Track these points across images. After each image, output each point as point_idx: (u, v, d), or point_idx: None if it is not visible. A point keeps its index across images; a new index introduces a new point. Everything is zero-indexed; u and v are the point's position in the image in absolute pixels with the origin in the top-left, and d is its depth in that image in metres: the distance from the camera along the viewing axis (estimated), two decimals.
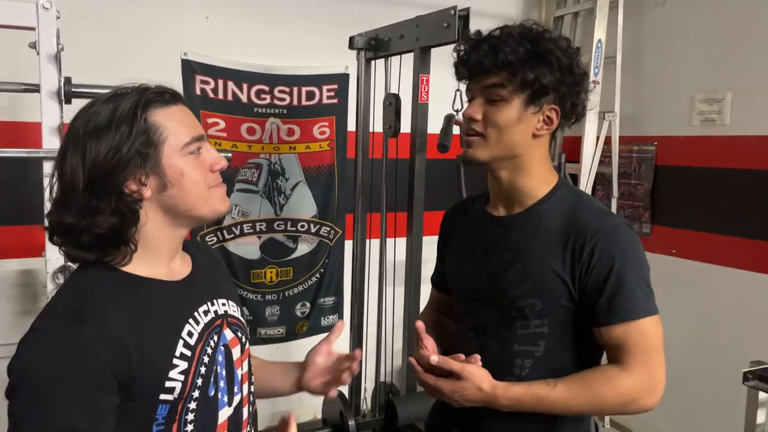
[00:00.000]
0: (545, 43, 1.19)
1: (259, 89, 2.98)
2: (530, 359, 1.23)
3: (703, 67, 2.96)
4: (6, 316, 2.63)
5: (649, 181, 3.20)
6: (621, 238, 1.18)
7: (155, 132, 0.96)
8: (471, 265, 1.32)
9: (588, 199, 1.29)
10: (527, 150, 1.23)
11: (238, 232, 3.07)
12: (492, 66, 1.18)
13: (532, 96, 1.18)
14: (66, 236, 0.97)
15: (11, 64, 2.34)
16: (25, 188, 2.37)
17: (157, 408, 0.96)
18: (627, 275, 1.16)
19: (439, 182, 2.81)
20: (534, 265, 1.21)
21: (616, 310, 1.15)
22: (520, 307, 1.22)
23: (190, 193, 1.00)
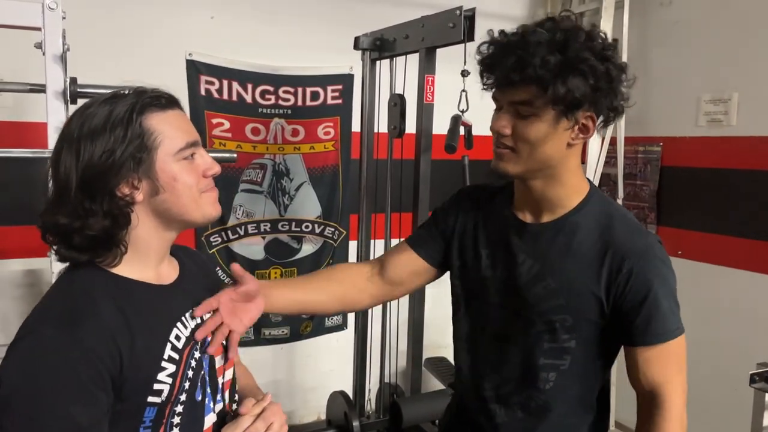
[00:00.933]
0: (578, 49, 1.08)
1: (264, 89, 2.99)
2: (555, 372, 1.21)
3: (709, 67, 2.94)
4: (11, 316, 2.63)
5: (655, 182, 3.19)
6: (657, 259, 1.17)
7: (149, 136, 0.97)
8: (496, 270, 1.27)
9: (622, 214, 1.24)
10: (561, 160, 1.17)
11: (243, 232, 3.07)
12: (520, 80, 1.09)
13: (564, 110, 1.10)
14: (58, 236, 0.97)
15: (15, 64, 2.35)
16: (29, 188, 2.35)
17: (144, 410, 0.97)
18: (662, 297, 1.15)
19: (444, 183, 2.79)
20: (567, 281, 1.18)
21: (653, 331, 1.15)
22: (549, 321, 1.19)
23: (182, 198, 1.01)
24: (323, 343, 3.36)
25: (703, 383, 2.96)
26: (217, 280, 1.28)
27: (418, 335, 2.42)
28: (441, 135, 2.22)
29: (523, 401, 1.25)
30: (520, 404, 1.25)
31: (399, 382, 2.82)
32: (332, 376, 3.15)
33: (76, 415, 0.88)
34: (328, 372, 3.29)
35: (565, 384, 1.22)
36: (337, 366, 3.22)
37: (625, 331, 1.17)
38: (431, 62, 2.21)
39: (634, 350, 1.17)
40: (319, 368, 3.36)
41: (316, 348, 3.35)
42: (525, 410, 1.25)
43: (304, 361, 3.36)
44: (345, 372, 2.83)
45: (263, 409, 1.10)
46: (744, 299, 2.84)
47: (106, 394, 0.91)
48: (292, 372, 3.34)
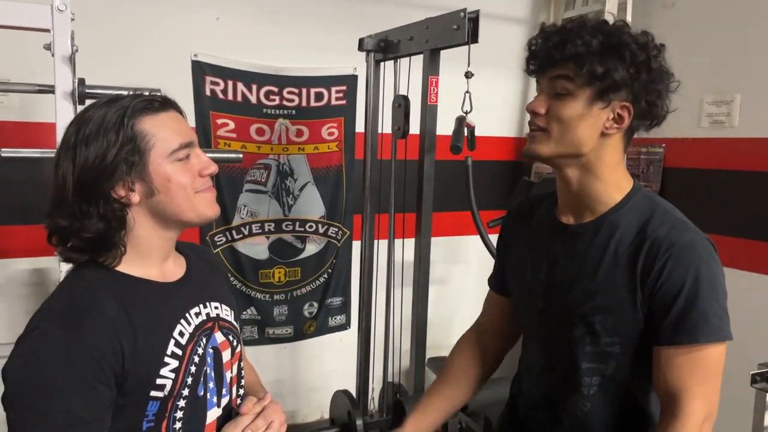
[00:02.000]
0: (621, 35, 1.10)
1: (269, 90, 3.01)
2: (599, 377, 1.17)
3: (711, 68, 2.95)
4: (18, 315, 2.65)
5: (657, 183, 3.20)
6: (697, 255, 1.09)
7: (142, 139, 0.99)
8: (539, 274, 1.25)
9: (666, 209, 1.18)
10: (594, 150, 1.13)
11: (247, 232, 3.09)
12: (560, 57, 1.10)
13: (600, 91, 1.09)
14: (60, 238, 1.01)
15: (21, 65, 2.37)
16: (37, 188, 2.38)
17: (147, 404, 0.99)
18: (700, 296, 1.07)
19: (448, 183, 2.82)
20: (604, 280, 1.13)
21: (683, 330, 1.07)
22: (590, 323, 1.15)
23: (177, 198, 1.02)
24: (327, 342, 3.38)
25: None
26: (224, 273, 1.30)
27: (421, 335, 2.43)
28: (444, 136, 2.24)
29: (569, 408, 1.21)
30: (567, 411, 1.22)
31: (402, 381, 2.83)
32: (335, 375, 3.17)
33: (78, 409, 0.90)
34: (331, 371, 3.31)
35: (610, 390, 1.18)
36: (340, 365, 3.24)
37: (655, 328, 1.10)
38: (435, 64, 2.22)
39: (660, 350, 1.10)
40: (322, 367, 3.37)
41: (320, 347, 3.37)
42: (571, 417, 1.21)
43: (307, 361, 3.37)
44: (348, 371, 2.85)
45: (263, 407, 1.13)
46: (745, 300, 2.84)
47: (109, 389, 0.94)
48: (295, 371, 3.36)
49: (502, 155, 3.62)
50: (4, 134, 2.53)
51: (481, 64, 2.05)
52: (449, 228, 3.35)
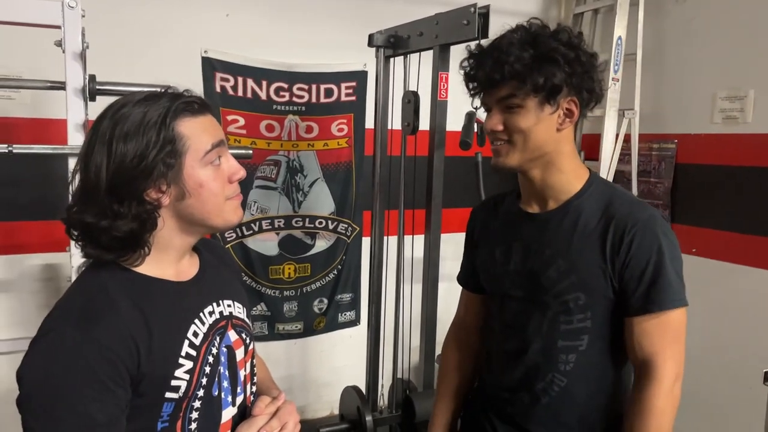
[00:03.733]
0: (547, 41, 1.20)
1: (278, 86, 3.01)
2: (574, 353, 1.25)
3: (724, 64, 2.92)
4: (30, 310, 2.68)
5: (669, 179, 3.17)
6: (659, 229, 1.20)
7: (180, 141, 0.97)
8: (510, 264, 1.33)
9: (622, 192, 1.30)
10: (554, 145, 1.24)
11: (257, 228, 3.10)
12: (501, 78, 1.19)
13: (546, 97, 1.19)
14: (85, 234, 0.98)
15: (32, 62, 2.39)
16: (49, 184, 2.40)
17: (162, 405, 0.98)
18: (665, 265, 1.18)
19: (458, 179, 2.81)
20: (576, 260, 1.22)
21: (653, 299, 1.18)
22: (564, 302, 1.24)
23: (208, 204, 1.01)
24: (337, 338, 3.38)
25: (717, 381, 2.96)
26: (235, 269, 1.29)
27: (430, 331, 2.43)
28: (454, 132, 2.23)
29: (547, 386, 1.28)
30: (544, 389, 1.28)
31: (411, 377, 2.83)
32: (345, 371, 3.17)
33: (93, 412, 0.89)
34: (341, 367, 3.32)
35: (585, 365, 1.25)
36: (350, 361, 3.24)
37: (626, 301, 1.20)
38: (445, 59, 2.21)
39: (632, 320, 1.20)
40: (332, 363, 3.38)
41: (330, 343, 3.38)
42: (549, 395, 1.28)
43: (317, 356, 3.38)
44: (358, 367, 2.85)
45: (278, 408, 1.12)
46: (759, 297, 2.82)
47: (125, 391, 0.92)
48: (305, 367, 3.37)
49: None
50: (16, 130, 2.55)
51: None
52: (459, 224, 3.31)
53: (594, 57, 1.25)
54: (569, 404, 1.27)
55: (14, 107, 2.56)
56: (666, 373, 1.18)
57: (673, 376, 1.19)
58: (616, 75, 3.10)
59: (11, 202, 2.58)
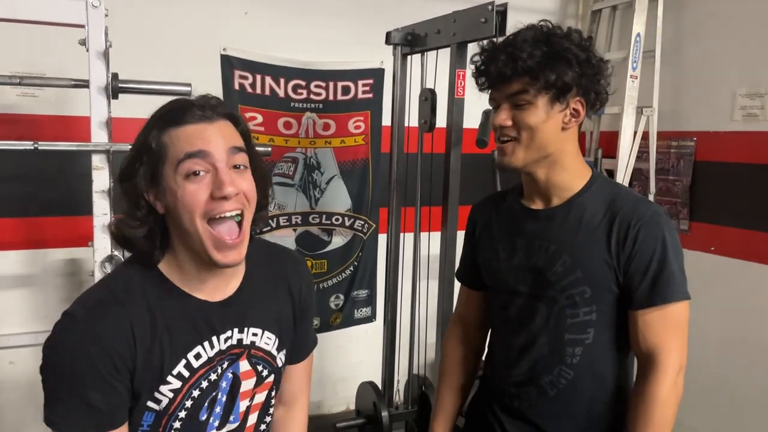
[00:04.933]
0: (560, 41, 1.22)
1: (296, 84, 3.03)
2: (581, 347, 1.27)
3: (745, 61, 2.90)
4: (53, 304, 2.73)
5: (688, 177, 3.15)
6: (662, 224, 1.22)
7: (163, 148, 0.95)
8: (514, 259, 1.34)
9: (625, 189, 1.32)
10: (559, 144, 1.26)
11: (275, 224, 3.12)
12: (513, 73, 1.21)
13: (556, 94, 1.22)
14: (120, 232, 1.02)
15: (54, 60, 2.43)
16: (72, 180, 2.45)
17: (143, 413, 0.99)
18: (668, 260, 1.20)
19: (474, 177, 2.81)
20: (582, 255, 1.24)
21: (657, 292, 1.20)
22: (570, 296, 1.25)
23: (184, 223, 0.94)
24: (353, 334, 3.40)
25: (737, 381, 2.93)
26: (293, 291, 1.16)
27: (446, 328, 2.44)
28: (471, 129, 2.23)
29: (554, 379, 1.29)
30: (551, 383, 1.30)
31: (427, 374, 2.84)
32: (361, 366, 3.19)
33: (92, 399, 0.93)
34: (357, 363, 3.33)
35: (592, 358, 1.27)
36: (366, 357, 3.26)
37: (631, 295, 1.23)
38: (462, 57, 2.22)
39: (636, 313, 1.23)
40: (348, 359, 3.40)
41: (346, 339, 3.40)
42: (555, 388, 1.29)
43: (334, 352, 3.40)
44: (374, 363, 2.87)
45: None
46: None
47: (125, 386, 0.95)
48: (321, 362, 3.40)
49: None
50: (39, 127, 2.60)
51: None
52: None
53: (603, 62, 1.28)
54: (576, 397, 1.29)
55: (38, 105, 2.61)
56: (669, 364, 1.20)
57: (676, 368, 1.21)
58: (634, 72, 3.08)
59: (35, 197, 2.64)
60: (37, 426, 2.96)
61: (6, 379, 2.72)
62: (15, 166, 2.57)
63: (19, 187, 2.61)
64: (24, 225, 2.67)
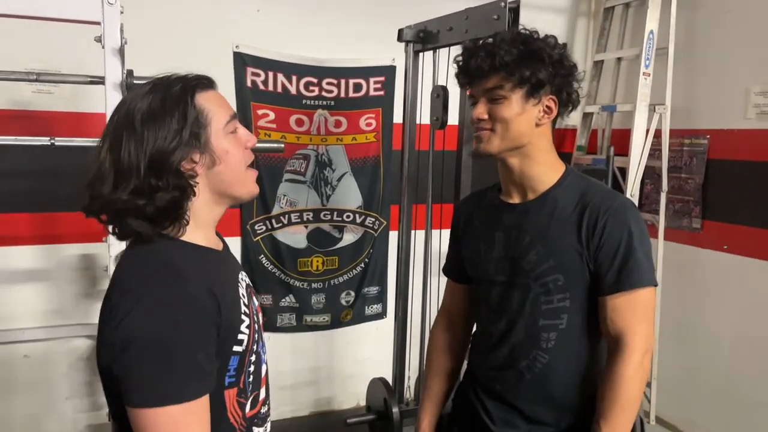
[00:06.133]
0: (535, 42, 1.32)
1: (308, 81, 3.05)
2: (555, 332, 1.35)
3: (759, 58, 2.87)
4: (67, 298, 2.76)
5: (701, 175, 3.13)
6: (629, 215, 1.31)
7: (202, 113, 1.05)
8: (493, 251, 1.43)
9: (596, 182, 1.40)
10: (532, 138, 1.35)
11: (286, 221, 3.14)
12: (490, 69, 1.30)
13: (530, 90, 1.30)
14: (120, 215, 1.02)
15: (69, 57, 2.45)
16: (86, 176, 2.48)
17: (230, 359, 1.05)
18: (635, 247, 1.29)
19: (486, 174, 2.80)
20: (554, 244, 1.33)
21: (624, 278, 1.28)
22: (544, 283, 1.34)
23: (234, 170, 1.09)
24: (364, 330, 3.41)
25: (750, 380, 2.92)
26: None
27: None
28: None
29: (530, 363, 1.38)
30: (527, 367, 1.38)
31: None
32: (372, 363, 3.20)
33: (201, 361, 0.96)
34: (367, 359, 3.34)
35: (565, 343, 1.36)
36: (376, 353, 3.27)
37: (599, 281, 1.31)
38: None
39: (605, 299, 1.31)
40: (359, 355, 3.41)
41: (357, 335, 3.41)
42: (531, 372, 1.38)
43: (344, 348, 3.42)
44: (385, 359, 2.87)
45: None
46: None
47: (215, 345, 1.00)
48: (332, 358, 3.41)
49: None
50: (55, 124, 2.63)
51: None
52: None
53: (575, 66, 1.37)
54: (551, 380, 1.37)
55: (53, 101, 2.64)
56: (636, 346, 1.28)
57: (642, 350, 1.29)
58: (647, 69, 3.07)
59: (50, 193, 2.66)
60: (51, 417, 3.00)
61: (21, 371, 2.75)
62: (30, 162, 2.60)
63: (35, 182, 2.64)
64: (39, 220, 2.70)
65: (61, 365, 2.81)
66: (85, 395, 2.87)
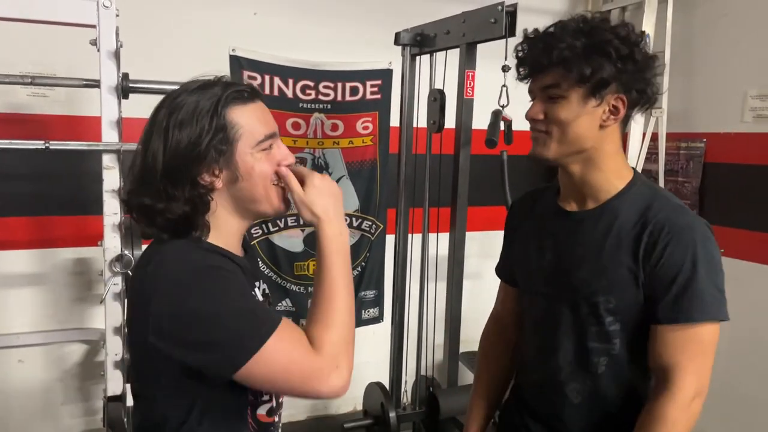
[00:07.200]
0: (602, 33, 1.14)
1: (305, 84, 3.03)
2: (605, 356, 1.22)
3: (756, 61, 2.88)
4: (63, 303, 2.75)
5: (698, 179, 3.14)
6: (696, 237, 1.15)
7: (232, 129, 1.02)
8: (542, 260, 1.31)
9: (666, 195, 1.24)
10: (596, 142, 1.19)
11: (283, 224, 3.12)
12: (547, 63, 1.15)
13: (591, 89, 1.15)
14: (143, 215, 1.04)
15: (65, 60, 2.44)
16: (82, 180, 2.47)
17: None
18: (698, 276, 1.12)
19: (483, 178, 2.81)
20: (608, 262, 1.18)
21: (680, 309, 1.13)
22: (594, 304, 1.20)
23: (258, 188, 1.06)
24: (360, 334, 3.34)
25: (750, 385, 2.91)
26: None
27: (454, 329, 2.44)
28: (480, 130, 2.23)
29: (579, 387, 1.26)
30: (576, 391, 1.26)
31: (435, 375, 2.84)
32: (369, 367, 3.18)
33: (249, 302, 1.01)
34: (364, 363, 3.30)
35: (618, 368, 1.22)
36: (373, 357, 3.25)
37: (653, 307, 1.15)
38: (472, 57, 2.22)
39: (656, 328, 1.16)
40: (356, 359, 3.33)
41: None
42: (581, 396, 1.26)
43: None
44: (382, 364, 2.87)
45: None
46: None
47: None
48: None
49: None
50: (50, 127, 2.61)
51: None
52: (484, 223, 3.33)
53: (652, 59, 1.19)
54: (600, 406, 1.25)
55: (49, 105, 2.63)
56: (684, 386, 1.13)
57: (692, 392, 1.13)
58: None
59: (46, 197, 2.65)
60: (46, 423, 2.98)
61: (15, 376, 2.74)
62: (26, 166, 2.58)
63: (30, 186, 2.63)
64: (34, 224, 2.69)
65: (56, 370, 2.80)
66: (80, 400, 2.85)
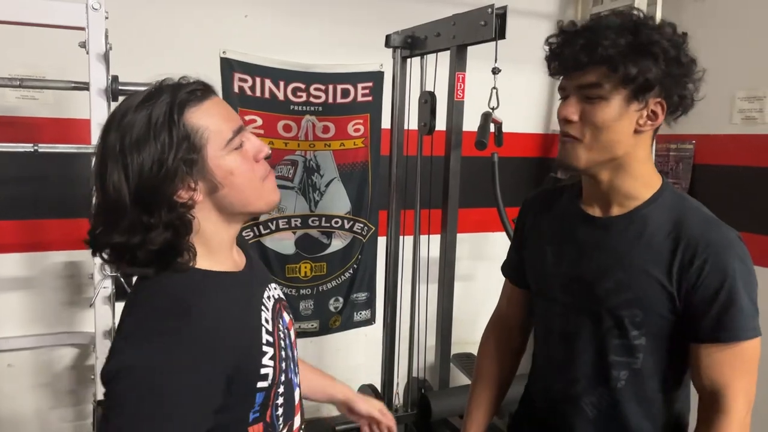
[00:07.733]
0: (649, 32, 1.07)
1: (296, 87, 3.03)
2: (627, 371, 1.18)
3: (744, 64, 2.90)
4: (52, 306, 2.72)
5: (687, 181, 3.15)
6: (734, 253, 1.10)
7: (195, 134, 0.91)
8: (561, 266, 1.24)
9: (696, 206, 1.18)
10: (629, 148, 1.13)
11: (274, 227, 3.12)
12: (589, 61, 1.07)
13: (635, 91, 1.08)
14: (117, 255, 0.93)
15: (54, 62, 2.43)
16: (71, 183, 2.45)
17: (255, 396, 0.97)
18: (739, 293, 1.08)
19: (474, 179, 2.82)
20: (637, 274, 1.13)
21: (725, 328, 1.09)
22: (618, 317, 1.15)
23: (245, 190, 0.97)
24: (352, 337, 3.40)
25: None
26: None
27: (446, 331, 2.44)
28: (471, 132, 2.24)
29: (595, 401, 1.21)
30: (592, 404, 1.22)
31: (427, 376, 2.84)
32: (361, 369, 3.19)
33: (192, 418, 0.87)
34: (356, 365, 3.33)
35: (639, 384, 1.18)
36: (365, 360, 3.26)
37: (693, 327, 1.11)
38: (462, 60, 2.22)
39: (700, 347, 1.12)
40: (347, 362, 3.40)
41: (345, 342, 3.39)
42: (596, 410, 1.21)
43: (333, 355, 3.40)
44: (373, 366, 2.86)
45: None
46: None
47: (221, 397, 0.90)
48: (321, 365, 3.35)
49: (529, 152, 3.61)
50: (39, 130, 2.60)
51: (508, 60, 2.05)
52: (475, 224, 3.34)
53: (693, 63, 1.14)
54: (616, 421, 1.20)
55: (38, 107, 2.61)
56: (738, 407, 1.11)
57: (745, 411, 1.12)
58: None
59: (35, 200, 2.63)
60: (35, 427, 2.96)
61: (4, 381, 2.72)
62: (15, 169, 2.56)
63: (19, 189, 2.61)
64: (23, 227, 2.67)
65: (45, 374, 2.78)
66: (69, 405, 2.83)
